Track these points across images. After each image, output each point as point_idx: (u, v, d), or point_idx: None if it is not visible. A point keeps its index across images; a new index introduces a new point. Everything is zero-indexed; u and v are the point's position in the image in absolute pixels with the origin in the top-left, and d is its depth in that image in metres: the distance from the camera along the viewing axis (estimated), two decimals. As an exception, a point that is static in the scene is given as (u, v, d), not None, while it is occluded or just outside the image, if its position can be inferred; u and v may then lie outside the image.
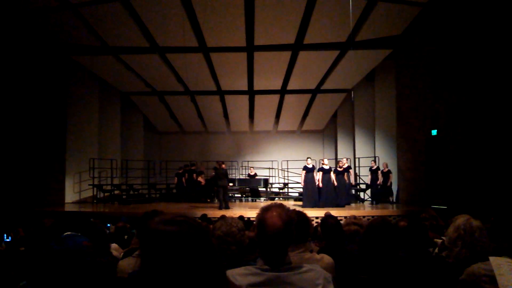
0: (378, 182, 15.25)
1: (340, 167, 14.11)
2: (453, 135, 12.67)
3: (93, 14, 12.89)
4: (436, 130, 13.45)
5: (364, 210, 13.29)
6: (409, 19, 13.81)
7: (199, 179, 17.47)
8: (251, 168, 18.14)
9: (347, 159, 15.38)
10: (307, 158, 14.06)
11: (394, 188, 15.95)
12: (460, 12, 12.32)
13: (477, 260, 2.60)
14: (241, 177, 19.07)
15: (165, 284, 1.30)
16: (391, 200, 15.74)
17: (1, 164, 12.75)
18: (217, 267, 1.40)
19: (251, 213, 11.25)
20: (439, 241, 4.42)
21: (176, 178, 17.80)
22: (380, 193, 15.40)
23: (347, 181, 14.46)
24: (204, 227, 1.42)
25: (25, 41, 13.74)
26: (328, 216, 4.05)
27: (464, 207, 10.27)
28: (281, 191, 19.39)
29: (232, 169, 19.45)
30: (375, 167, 15.29)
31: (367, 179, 16.02)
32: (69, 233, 1.84)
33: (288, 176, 19.25)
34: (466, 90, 12.08)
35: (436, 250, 4.19)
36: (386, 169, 15.49)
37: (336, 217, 4.06)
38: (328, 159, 14.65)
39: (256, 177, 17.78)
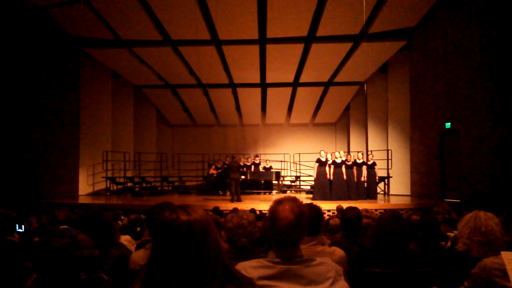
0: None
1: (349, 161, 13.99)
2: (467, 128, 12.54)
3: (106, 7, 12.95)
4: (450, 123, 13.32)
5: (375, 203, 13.22)
6: (424, 10, 13.68)
7: (211, 171, 17.56)
8: (267, 161, 18.13)
9: (362, 153, 15.25)
10: (320, 151, 14.02)
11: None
12: (474, 2, 12.16)
13: (483, 244, 2.59)
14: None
15: (172, 273, 1.32)
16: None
17: (16, 156, 12.90)
18: (222, 260, 1.42)
19: (263, 206, 11.28)
20: (452, 234, 4.40)
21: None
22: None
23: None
24: (213, 221, 1.44)
25: (38, 34, 13.84)
26: (350, 208, 4.03)
27: (478, 201, 10.21)
28: (293, 184, 19.38)
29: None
30: (371, 162, 14.89)
31: (379, 172, 15.80)
32: (65, 227, 1.87)
33: (300, 169, 19.22)
34: (481, 83, 11.93)
35: (449, 244, 4.18)
36: (360, 160, 14.57)
37: (358, 208, 4.01)
38: (344, 152, 14.57)
39: (269, 170, 17.74)
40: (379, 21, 13.40)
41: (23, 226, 5.55)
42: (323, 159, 13.75)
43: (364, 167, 14.30)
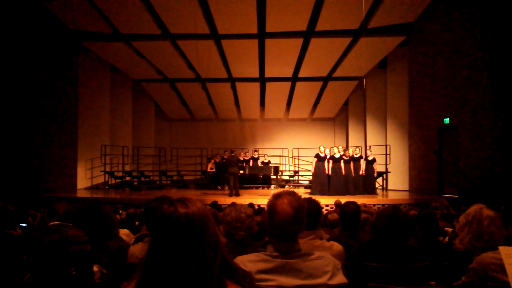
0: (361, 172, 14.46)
1: (347, 156, 14.01)
2: (466, 123, 12.55)
3: (104, 0, 12.89)
4: (448, 119, 13.33)
5: (374, 198, 13.23)
6: (423, 6, 13.64)
7: (209, 166, 17.56)
8: (265, 155, 18.13)
9: (360, 148, 15.26)
10: (320, 146, 14.04)
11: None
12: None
13: (484, 249, 2.58)
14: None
15: (171, 266, 1.32)
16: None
17: (15, 150, 12.89)
18: (221, 253, 1.41)
19: (262, 201, 11.28)
20: (450, 229, 4.41)
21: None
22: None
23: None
24: (211, 214, 1.44)
25: (37, 28, 13.79)
26: (349, 202, 4.03)
27: (476, 196, 10.23)
28: (291, 178, 19.39)
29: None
30: (371, 157, 14.88)
31: (378, 168, 15.78)
32: (56, 223, 1.87)
33: (298, 164, 19.23)
34: (480, 78, 11.93)
35: (447, 239, 4.19)
36: (358, 155, 14.56)
37: (356, 203, 4.01)
38: (342, 147, 14.58)
39: (268, 165, 17.74)
40: (379, 16, 13.36)
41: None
42: (322, 154, 13.75)
43: (363, 161, 14.30)
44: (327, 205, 10.98)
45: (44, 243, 1.75)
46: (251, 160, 17.71)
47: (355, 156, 14.21)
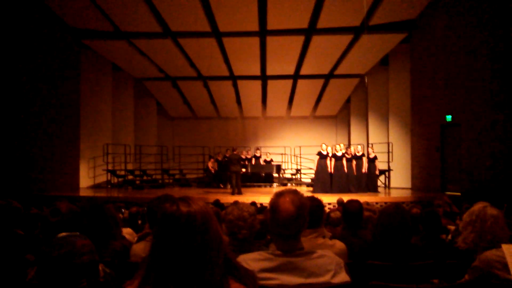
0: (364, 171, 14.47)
1: (349, 154, 14.01)
2: (468, 120, 12.53)
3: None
4: (450, 116, 13.30)
5: (376, 196, 13.21)
6: (425, 2, 13.62)
7: (210, 164, 17.58)
8: (267, 154, 18.13)
9: (362, 146, 15.26)
10: (322, 144, 14.03)
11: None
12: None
13: (487, 248, 2.58)
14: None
15: (173, 264, 1.32)
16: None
17: (17, 148, 12.89)
18: (224, 251, 1.41)
19: (264, 199, 11.28)
20: (453, 227, 4.41)
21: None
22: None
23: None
24: (214, 213, 1.44)
25: (38, 26, 13.77)
26: (352, 200, 4.02)
27: (479, 194, 10.22)
28: (293, 177, 19.40)
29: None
30: (372, 155, 14.87)
31: (380, 165, 15.78)
32: (62, 234, 1.85)
33: (300, 162, 19.23)
34: (482, 75, 11.90)
35: (449, 237, 4.18)
36: (360, 152, 14.64)
37: (359, 201, 4.00)
38: (344, 145, 14.57)
39: (270, 163, 17.76)
40: (380, 13, 13.32)
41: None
42: (324, 152, 13.75)
43: (365, 159, 14.31)
44: (329, 203, 10.96)
45: (53, 258, 1.73)
46: (253, 159, 17.72)
47: (357, 154, 14.22)
